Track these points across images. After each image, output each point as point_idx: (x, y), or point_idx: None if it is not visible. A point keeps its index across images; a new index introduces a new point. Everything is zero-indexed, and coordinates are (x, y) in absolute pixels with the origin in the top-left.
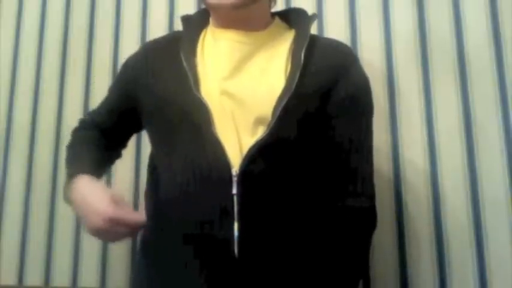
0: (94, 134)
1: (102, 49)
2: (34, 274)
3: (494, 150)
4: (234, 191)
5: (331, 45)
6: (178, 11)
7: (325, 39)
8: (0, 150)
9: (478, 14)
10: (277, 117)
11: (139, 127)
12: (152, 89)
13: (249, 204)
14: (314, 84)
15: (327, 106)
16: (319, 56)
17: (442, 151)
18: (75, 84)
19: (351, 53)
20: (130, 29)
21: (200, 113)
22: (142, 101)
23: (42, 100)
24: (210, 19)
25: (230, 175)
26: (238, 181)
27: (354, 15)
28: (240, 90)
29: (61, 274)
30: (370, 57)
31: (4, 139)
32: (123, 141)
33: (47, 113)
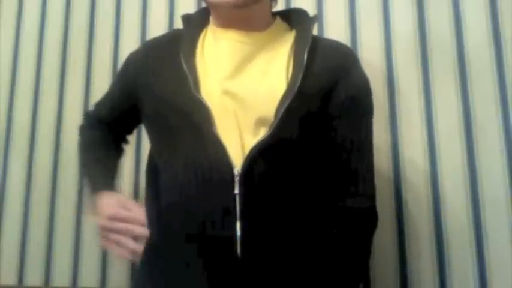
0: (103, 134)
1: (102, 49)
2: (34, 274)
3: (494, 150)
4: (236, 191)
5: (332, 46)
6: (178, 11)
7: (326, 40)
8: (0, 150)
9: (478, 14)
10: (279, 118)
11: (141, 120)
12: (152, 89)
13: (251, 205)
14: (316, 85)
15: (328, 107)
16: (320, 57)
17: (442, 151)
18: (75, 84)
19: (351, 54)
20: (130, 29)
21: (200, 114)
22: (142, 100)
23: (42, 100)
24: (211, 18)
25: (232, 175)
26: (241, 181)
27: (354, 15)
28: (241, 90)
29: (61, 274)
30: (370, 57)
31: (4, 139)
32: (127, 134)
33: (47, 113)
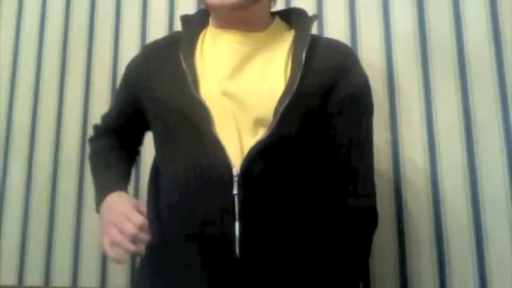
0: (111, 141)
1: (102, 49)
2: (34, 274)
3: (494, 150)
4: (235, 191)
5: (332, 45)
6: (178, 11)
7: (326, 40)
8: (0, 150)
9: (478, 14)
10: (278, 118)
11: (148, 127)
12: (152, 92)
13: (250, 204)
14: (315, 85)
15: (327, 106)
16: (320, 56)
17: (442, 150)
18: (75, 84)
19: (351, 53)
20: (130, 29)
21: (199, 114)
22: (144, 104)
23: (42, 100)
24: (210, 19)
25: (231, 175)
26: (239, 181)
27: (354, 15)
28: (240, 91)
29: (61, 274)
30: (370, 57)
31: (4, 139)
32: (136, 142)
33: (47, 113)
